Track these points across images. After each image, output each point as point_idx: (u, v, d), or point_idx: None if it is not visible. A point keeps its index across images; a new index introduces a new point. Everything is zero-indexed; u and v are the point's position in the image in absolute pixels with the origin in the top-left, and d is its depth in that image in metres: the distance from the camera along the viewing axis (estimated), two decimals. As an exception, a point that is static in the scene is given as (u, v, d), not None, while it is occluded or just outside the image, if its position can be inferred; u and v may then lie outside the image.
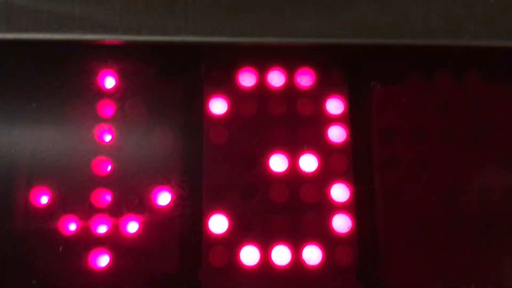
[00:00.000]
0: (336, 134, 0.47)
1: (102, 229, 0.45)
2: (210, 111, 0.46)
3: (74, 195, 0.45)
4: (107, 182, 0.46)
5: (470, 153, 0.46)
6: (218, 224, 0.45)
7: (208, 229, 0.45)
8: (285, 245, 0.44)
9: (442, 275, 0.44)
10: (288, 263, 0.44)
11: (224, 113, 0.46)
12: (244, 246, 0.44)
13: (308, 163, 0.46)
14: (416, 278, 0.44)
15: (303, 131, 0.46)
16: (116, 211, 0.45)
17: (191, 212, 0.45)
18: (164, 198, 0.46)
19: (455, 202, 0.46)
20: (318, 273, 0.44)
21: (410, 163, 0.46)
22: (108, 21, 0.45)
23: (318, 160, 0.46)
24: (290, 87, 0.47)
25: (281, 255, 0.44)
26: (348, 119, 0.47)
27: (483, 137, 0.47)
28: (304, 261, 0.44)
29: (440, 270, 0.45)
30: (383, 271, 0.45)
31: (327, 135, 0.46)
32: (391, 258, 0.45)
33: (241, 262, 0.44)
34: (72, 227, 0.45)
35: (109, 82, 0.47)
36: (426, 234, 0.45)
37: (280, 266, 0.44)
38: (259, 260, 0.44)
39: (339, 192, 0.45)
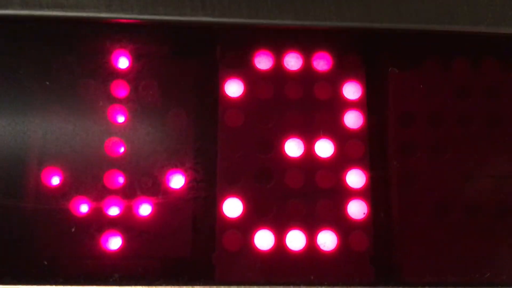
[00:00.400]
0: (353, 119, 0.46)
1: (115, 211, 0.45)
2: (226, 93, 0.46)
3: (87, 176, 0.45)
4: (120, 163, 0.45)
5: (486, 140, 0.46)
6: (232, 208, 0.44)
7: (222, 212, 0.44)
8: (300, 230, 0.44)
9: (456, 262, 0.44)
10: (303, 248, 0.44)
11: (240, 95, 0.46)
12: (258, 230, 0.44)
13: (324, 148, 0.45)
14: (431, 265, 0.44)
15: (319, 115, 0.46)
16: (129, 193, 0.45)
17: (205, 195, 0.45)
18: (177, 181, 0.45)
19: (471, 189, 0.45)
20: (332, 259, 0.43)
21: (426, 149, 0.46)
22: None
23: (334, 145, 0.45)
24: (307, 70, 0.46)
25: (295, 240, 0.44)
26: (365, 104, 0.46)
27: (500, 123, 0.46)
28: (318, 246, 0.44)
29: (455, 257, 0.44)
30: (398, 258, 0.44)
31: (344, 120, 0.46)
32: (406, 244, 0.44)
33: (255, 246, 0.44)
34: (84, 208, 0.44)
35: (123, 62, 0.46)
36: (442, 221, 0.45)
37: (295, 251, 0.44)
38: (274, 245, 0.44)
39: (355, 178, 0.45)
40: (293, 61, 0.47)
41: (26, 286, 0.42)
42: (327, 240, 0.44)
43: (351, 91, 0.47)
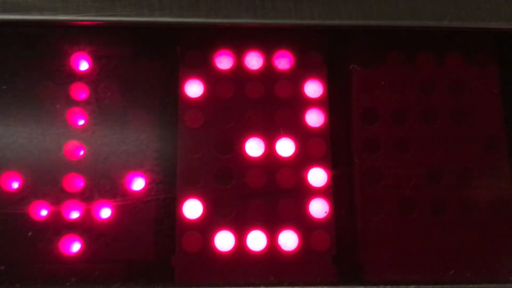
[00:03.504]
0: (314, 118, 0.46)
1: (74, 215, 0.44)
2: (186, 94, 0.45)
3: (46, 180, 0.44)
4: (79, 166, 0.45)
5: (450, 135, 0.45)
6: (192, 209, 0.44)
7: (182, 214, 0.43)
8: (261, 230, 0.43)
9: (420, 260, 0.43)
10: (264, 249, 0.43)
11: (200, 96, 0.45)
12: (218, 231, 0.43)
13: (285, 147, 0.45)
14: (394, 264, 0.43)
15: (280, 114, 0.45)
16: (89, 196, 0.44)
17: (164, 197, 0.44)
18: (137, 183, 0.45)
19: (434, 186, 0.44)
20: (293, 258, 0.43)
21: (389, 147, 0.45)
22: (81, 1, 0.44)
23: (296, 144, 0.45)
24: (268, 69, 0.46)
25: (256, 240, 0.43)
26: (327, 103, 0.46)
27: (464, 118, 0.46)
28: (280, 247, 0.43)
29: (418, 255, 0.44)
30: (360, 257, 0.44)
31: (305, 119, 0.45)
32: (369, 243, 0.44)
33: (216, 247, 0.43)
34: (43, 212, 0.44)
35: (82, 65, 0.46)
36: (405, 219, 0.44)
37: (256, 252, 0.43)
38: (234, 246, 0.43)
39: (317, 177, 0.44)
40: (254, 60, 0.46)
41: (-18, 291, 0.41)
42: (288, 240, 0.43)
43: (313, 89, 0.46)
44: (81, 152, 0.45)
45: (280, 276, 0.42)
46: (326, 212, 0.44)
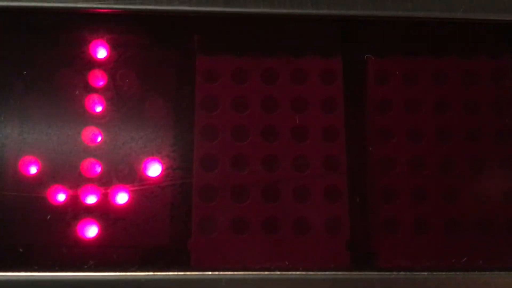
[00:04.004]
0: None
1: (91, 199, 0.45)
2: (202, 81, 0.46)
3: (64, 165, 0.45)
4: (97, 152, 0.45)
5: (463, 126, 0.46)
6: (208, 194, 0.44)
7: (198, 199, 0.44)
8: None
9: (433, 249, 0.44)
10: (279, 234, 0.44)
11: (217, 83, 0.46)
12: (234, 216, 0.44)
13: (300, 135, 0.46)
14: (408, 252, 0.44)
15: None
16: (106, 181, 0.45)
17: (181, 183, 0.45)
18: (154, 169, 0.45)
19: (449, 174, 0.45)
20: (308, 244, 0.43)
21: (403, 135, 0.45)
22: (100, -11, 0.45)
23: (311, 131, 0.45)
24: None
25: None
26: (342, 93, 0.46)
27: (478, 109, 0.46)
28: (294, 231, 0.44)
29: (432, 244, 0.44)
30: (374, 244, 0.44)
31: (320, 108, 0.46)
32: (382, 230, 0.44)
33: (231, 232, 0.43)
34: (61, 197, 0.45)
35: (101, 52, 0.47)
36: (419, 207, 0.44)
37: (271, 237, 0.44)
38: (249, 230, 0.44)
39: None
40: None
41: (1, 273, 0.42)
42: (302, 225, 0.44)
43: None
44: (99, 138, 0.46)
45: (295, 261, 0.43)
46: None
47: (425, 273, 0.42)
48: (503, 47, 0.47)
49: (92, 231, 0.44)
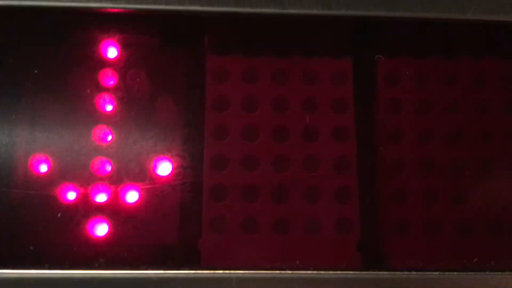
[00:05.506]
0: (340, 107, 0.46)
1: (102, 198, 0.45)
2: (212, 81, 0.46)
3: (74, 164, 0.45)
4: (107, 151, 0.45)
5: (474, 127, 0.46)
6: (218, 193, 0.44)
7: (209, 198, 0.44)
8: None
9: (444, 249, 0.44)
10: (290, 234, 0.44)
11: (227, 83, 0.46)
12: (244, 216, 0.44)
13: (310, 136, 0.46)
14: (418, 252, 0.44)
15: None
16: (116, 180, 0.45)
17: (191, 181, 0.45)
18: (164, 168, 0.45)
19: (459, 174, 0.45)
20: (318, 244, 0.43)
21: (413, 136, 0.45)
22: (111, -11, 0.45)
23: (321, 132, 0.45)
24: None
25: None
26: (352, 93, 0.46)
27: (488, 110, 0.46)
28: (304, 232, 0.44)
29: (443, 244, 0.44)
30: (385, 244, 0.44)
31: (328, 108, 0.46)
32: (393, 230, 0.44)
33: (242, 231, 0.44)
34: (72, 195, 0.45)
35: (111, 52, 0.47)
36: (429, 207, 0.44)
37: (282, 237, 0.44)
38: (260, 230, 0.44)
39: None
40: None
41: (12, 270, 0.42)
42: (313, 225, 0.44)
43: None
44: (110, 137, 0.46)
45: (306, 261, 0.43)
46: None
47: (436, 273, 0.42)
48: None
49: (102, 230, 0.44)
